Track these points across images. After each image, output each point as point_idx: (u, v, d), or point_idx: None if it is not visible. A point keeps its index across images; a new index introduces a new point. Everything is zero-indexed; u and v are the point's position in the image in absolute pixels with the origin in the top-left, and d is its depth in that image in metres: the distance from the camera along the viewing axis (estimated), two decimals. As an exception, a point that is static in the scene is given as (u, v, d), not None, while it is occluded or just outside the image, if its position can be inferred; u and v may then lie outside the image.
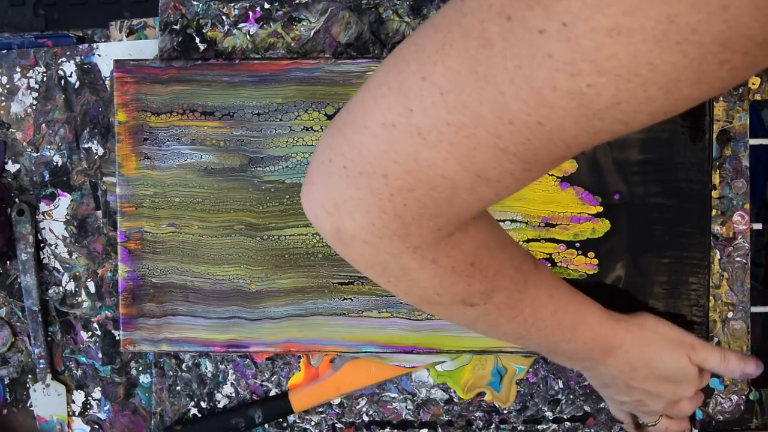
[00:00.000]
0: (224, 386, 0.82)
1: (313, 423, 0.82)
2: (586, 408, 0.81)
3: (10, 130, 0.83)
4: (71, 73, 0.82)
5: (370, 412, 0.82)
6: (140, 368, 0.84)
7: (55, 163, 0.83)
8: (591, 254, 0.77)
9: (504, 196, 0.49)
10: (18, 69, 0.82)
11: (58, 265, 0.83)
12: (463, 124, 0.44)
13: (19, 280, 0.83)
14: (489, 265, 0.55)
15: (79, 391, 0.84)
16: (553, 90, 0.41)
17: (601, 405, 0.81)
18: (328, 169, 0.49)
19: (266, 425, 0.82)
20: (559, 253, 0.77)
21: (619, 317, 0.69)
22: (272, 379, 0.82)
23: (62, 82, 0.82)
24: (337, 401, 0.82)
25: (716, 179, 0.80)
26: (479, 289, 0.55)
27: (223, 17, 0.80)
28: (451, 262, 0.52)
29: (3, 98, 0.82)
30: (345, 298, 0.78)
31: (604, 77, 0.39)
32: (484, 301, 0.56)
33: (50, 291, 0.83)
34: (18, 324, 0.84)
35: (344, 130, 0.49)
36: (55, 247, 0.83)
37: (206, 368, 0.82)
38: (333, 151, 0.49)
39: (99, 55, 0.82)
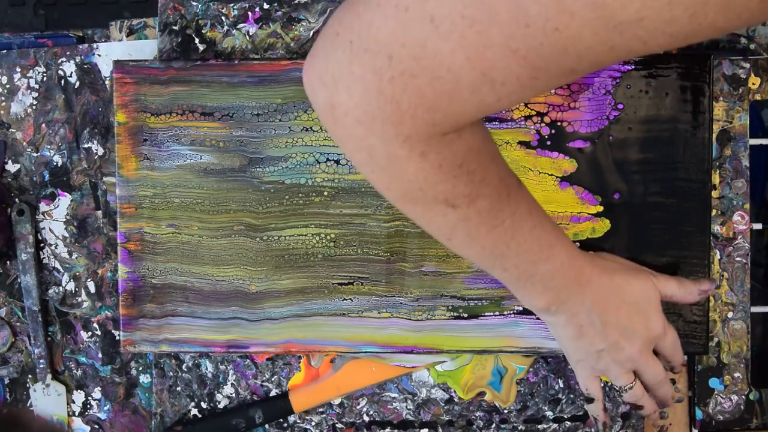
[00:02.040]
0: (224, 387, 0.82)
1: (313, 423, 0.82)
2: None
3: (10, 130, 0.83)
4: (71, 73, 0.82)
5: (371, 412, 0.82)
6: (140, 368, 0.84)
7: (55, 163, 0.83)
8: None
9: (504, 105, 0.49)
10: (18, 69, 0.82)
11: (58, 265, 0.83)
12: (477, 19, 0.43)
13: (19, 280, 0.83)
14: (476, 170, 0.55)
15: (79, 391, 0.84)
16: None
17: (601, 405, 0.81)
18: (333, 42, 0.49)
19: (267, 425, 0.82)
20: (559, 253, 0.77)
21: (583, 250, 0.70)
22: (272, 379, 0.82)
23: (62, 82, 0.82)
24: (337, 401, 0.82)
25: (716, 179, 0.80)
26: (463, 192, 0.55)
27: (223, 18, 0.80)
28: (440, 159, 0.52)
29: (3, 98, 0.82)
30: (345, 299, 0.78)
31: None
32: (467, 205, 0.56)
33: (50, 291, 0.83)
34: (18, 324, 0.84)
35: (357, 5, 0.48)
36: (55, 247, 0.83)
37: (206, 369, 0.82)
38: (341, 25, 0.49)
39: (99, 55, 0.82)
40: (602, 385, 0.74)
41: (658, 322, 0.70)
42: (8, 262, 0.83)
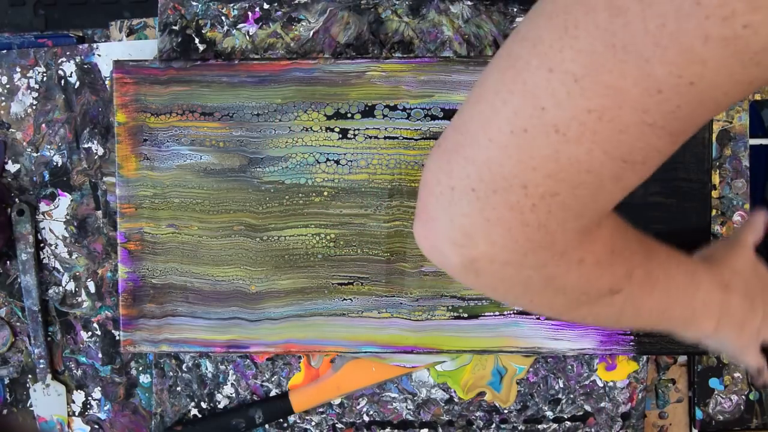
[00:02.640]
0: (224, 387, 0.82)
1: (313, 423, 0.82)
2: (587, 407, 0.81)
3: (10, 130, 0.83)
4: (71, 73, 0.82)
5: (371, 412, 0.82)
6: (140, 368, 0.84)
7: (55, 163, 0.83)
8: (591, 254, 0.77)
9: (645, 178, 0.46)
10: (18, 69, 0.82)
11: (58, 265, 0.83)
12: (606, 107, 0.41)
13: (19, 280, 0.83)
14: (624, 246, 0.52)
15: (79, 391, 0.84)
16: (705, 41, 0.37)
17: (602, 404, 0.81)
18: (451, 199, 0.45)
19: (267, 425, 0.82)
20: (559, 253, 0.77)
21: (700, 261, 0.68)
22: (272, 379, 0.82)
23: (62, 82, 0.82)
24: (337, 401, 0.82)
25: (716, 179, 0.80)
26: (622, 273, 0.52)
27: (223, 18, 0.80)
28: (596, 256, 0.49)
29: (3, 98, 0.82)
30: (345, 299, 0.78)
31: (760, 13, 0.36)
32: (628, 283, 0.53)
33: (50, 291, 0.83)
34: (18, 324, 0.84)
35: (461, 151, 0.45)
36: (55, 247, 0.83)
37: (206, 369, 0.82)
38: (453, 178, 0.45)
39: (99, 55, 0.82)
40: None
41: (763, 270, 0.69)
42: (8, 262, 0.83)
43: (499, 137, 0.43)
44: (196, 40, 0.80)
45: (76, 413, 0.85)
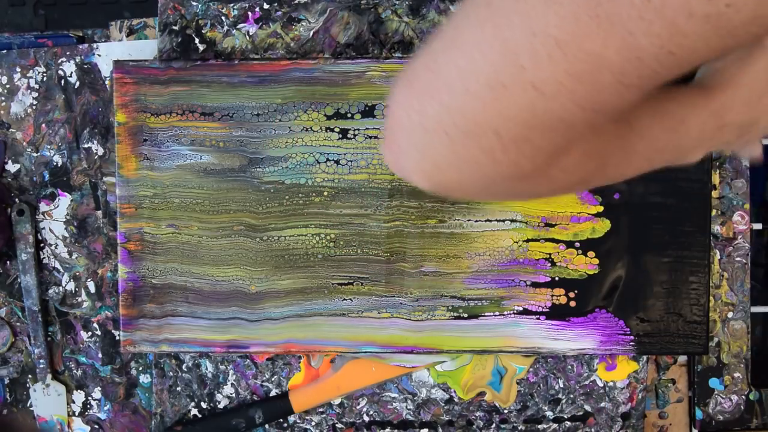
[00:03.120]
0: (224, 387, 0.82)
1: (313, 423, 0.82)
2: (587, 407, 0.81)
3: (10, 130, 0.83)
4: (71, 73, 0.82)
5: (371, 412, 0.82)
6: (140, 368, 0.84)
7: (55, 163, 0.83)
8: (591, 254, 0.77)
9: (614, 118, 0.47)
10: (18, 69, 0.82)
11: (58, 265, 0.83)
12: (585, 71, 0.41)
13: (19, 280, 0.83)
14: (598, 143, 0.53)
15: (79, 391, 0.84)
16: (689, 17, 0.39)
17: (602, 404, 0.81)
18: (423, 138, 0.46)
19: (267, 425, 0.82)
20: (558, 252, 0.77)
21: (696, 88, 0.65)
22: (272, 379, 0.82)
23: (62, 82, 0.82)
24: (337, 401, 0.82)
25: (716, 179, 0.80)
26: (595, 165, 0.53)
27: (223, 18, 0.80)
28: (565, 166, 0.50)
29: (3, 98, 0.82)
30: (345, 299, 0.78)
31: None
32: (601, 171, 0.54)
33: (50, 291, 0.83)
34: (18, 324, 0.84)
35: (436, 95, 0.45)
36: (55, 247, 0.83)
37: (206, 369, 0.82)
38: (426, 118, 0.46)
39: (99, 55, 0.82)
40: None
41: None
42: (8, 262, 0.83)
43: (476, 88, 0.44)
44: (196, 40, 0.80)
45: (76, 413, 0.85)
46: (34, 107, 0.82)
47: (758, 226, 0.82)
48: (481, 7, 0.44)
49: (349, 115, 0.77)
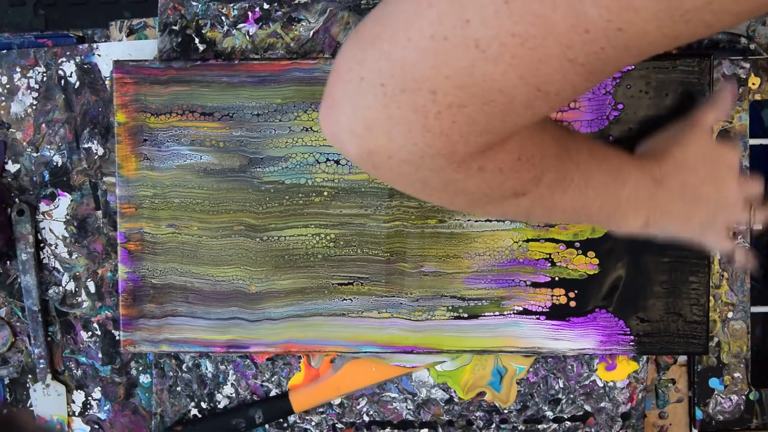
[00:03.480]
0: (224, 387, 0.82)
1: (313, 423, 0.82)
2: (587, 407, 0.81)
3: (10, 130, 0.83)
4: (71, 73, 0.82)
5: (371, 412, 0.82)
6: (140, 368, 0.84)
7: (55, 163, 0.83)
8: (591, 254, 0.77)
9: (555, 110, 0.46)
10: (18, 69, 0.82)
11: (58, 265, 0.83)
12: (531, 35, 0.40)
13: (19, 280, 0.83)
14: (534, 152, 0.52)
15: (79, 391, 0.84)
16: None
17: (602, 404, 0.81)
18: (358, 89, 0.45)
19: (267, 425, 0.82)
20: (558, 252, 0.77)
21: (630, 156, 0.67)
22: (272, 379, 0.82)
23: (62, 82, 0.82)
24: (337, 401, 0.82)
25: (716, 179, 0.80)
26: (529, 178, 0.52)
27: (223, 18, 0.80)
28: (498, 164, 0.49)
29: (3, 98, 0.82)
30: (345, 299, 0.78)
31: None
32: (536, 186, 0.53)
33: (50, 291, 0.83)
34: (18, 324, 0.84)
35: (379, 43, 0.44)
36: (55, 247, 0.83)
37: (206, 369, 0.82)
38: (365, 68, 0.44)
39: (99, 55, 0.82)
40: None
41: (731, 157, 0.69)
42: (8, 262, 0.83)
43: (418, 39, 0.43)
44: (196, 40, 0.80)
45: (76, 413, 0.85)
46: (34, 107, 0.82)
47: (758, 226, 0.82)
48: None
49: (349, 115, 0.77)
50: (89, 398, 0.84)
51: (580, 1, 0.39)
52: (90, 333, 0.84)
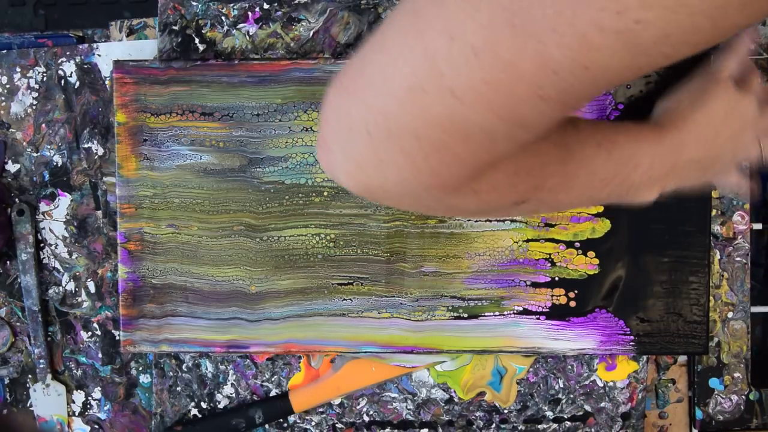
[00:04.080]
0: (224, 387, 0.82)
1: (313, 423, 0.82)
2: (587, 407, 0.81)
3: (10, 130, 0.83)
4: (71, 73, 0.82)
5: (371, 412, 0.82)
6: (140, 368, 0.84)
7: (55, 163, 0.83)
8: (591, 254, 0.77)
9: (539, 136, 0.48)
10: (18, 69, 0.82)
11: (58, 265, 0.83)
12: (502, 81, 0.42)
13: (19, 280, 0.83)
14: (532, 163, 0.53)
15: (79, 391, 0.84)
16: (600, 31, 0.39)
17: (602, 404, 0.81)
18: (347, 137, 0.47)
19: (267, 425, 0.82)
20: (558, 252, 0.77)
21: (651, 127, 0.66)
22: (272, 379, 0.82)
23: (62, 82, 0.82)
24: (337, 401, 0.82)
25: (716, 179, 0.80)
26: (527, 188, 0.54)
27: (223, 18, 0.80)
28: (494, 183, 0.51)
29: (3, 98, 0.82)
30: (345, 299, 0.78)
31: (651, 11, 0.38)
32: (537, 192, 0.54)
33: (50, 291, 0.83)
34: (18, 324, 0.84)
35: (361, 95, 0.46)
36: (55, 247, 0.83)
37: (206, 369, 0.82)
38: (350, 118, 0.47)
39: (99, 55, 0.82)
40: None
41: (743, 104, 0.68)
42: (8, 262, 0.83)
43: (397, 90, 0.44)
44: (196, 40, 0.80)
45: (76, 413, 0.85)
46: (34, 107, 0.82)
47: (758, 226, 0.82)
48: (407, 13, 0.44)
49: (349, 115, 0.77)
50: (89, 398, 0.84)
51: (545, 46, 0.40)
52: (90, 333, 0.84)
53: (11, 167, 0.83)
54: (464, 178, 0.48)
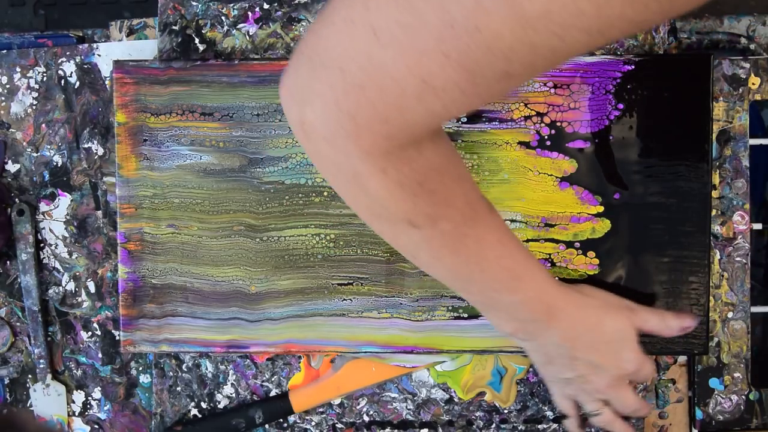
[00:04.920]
0: (224, 387, 0.82)
1: (313, 423, 0.82)
2: (586, 407, 0.81)
3: (10, 130, 0.83)
4: (71, 73, 0.82)
5: (371, 412, 0.82)
6: (140, 368, 0.84)
7: (55, 163, 0.83)
8: (591, 254, 0.77)
9: (453, 112, 0.50)
10: (18, 69, 0.82)
11: (58, 265, 0.83)
12: (410, 24, 0.45)
13: (19, 280, 0.83)
14: (438, 190, 0.56)
15: (79, 391, 0.84)
16: None
17: (601, 405, 0.81)
18: (299, 60, 0.51)
19: (267, 425, 0.82)
20: (558, 253, 0.77)
21: (560, 282, 0.69)
22: (272, 379, 0.82)
23: (62, 82, 0.82)
24: (337, 401, 0.82)
25: (716, 179, 0.80)
26: (425, 212, 0.56)
27: (223, 18, 0.80)
28: (400, 176, 0.53)
29: (3, 98, 0.82)
30: (345, 299, 0.78)
31: None
32: (429, 226, 0.57)
33: (50, 291, 0.83)
34: (18, 324, 0.84)
35: (316, 26, 0.50)
36: (55, 247, 0.83)
37: (206, 369, 0.82)
38: (305, 45, 0.51)
39: (99, 55, 0.82)
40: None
41: (631, 360, 0.70)
42: (8, 262, 0.84)
43: (338, 22, 0.48)
44: (196, 40, 0.80)
45: (76, 413, 0.85)
46: (34, 107, 0.82)
47: (758, 226, 0.82)
48: None
49: (349, 115, 0.77)
50: (89, 398, 0.84)
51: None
52: (90, 333, 0.84)
53: (11, 167, 0.83)
54: (378, 138, 0.50)
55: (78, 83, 0.82)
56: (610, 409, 0.72)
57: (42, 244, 0.83)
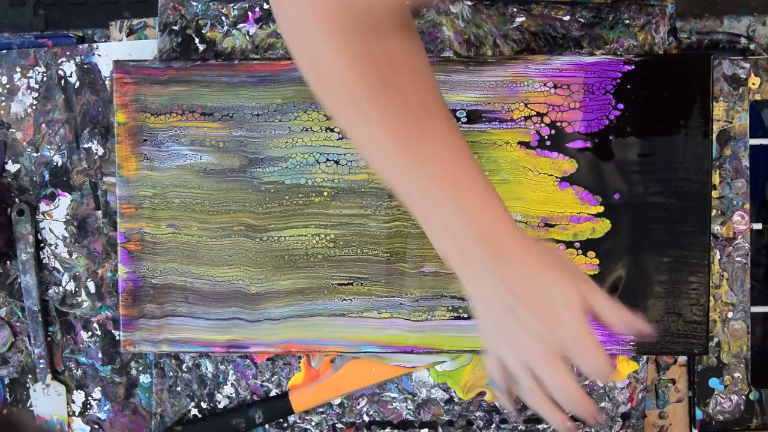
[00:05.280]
0: (224, 387, 0.82)
1: (313, 423, 0.82)
2: (586, 407, 0.81)
3: (10, 130, 0.83)
4: (71, 73, 0.82)
5: (371, 412, 0.82)
6: (140, 368, 0.84)
7: (55, 163, 0.83)
8: (591, 254, 0.77)
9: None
10: (18, 69, 0.82)
11: (58, 265, 0.83)
12: None
13: (19, 280, 0.83)
14: (393, 84, 0.56)
15: (79, 391, 0.84)
16: None
17: (602, 405, 0.81)
18: None
19: (267, 425, 0.82)
20: (559, 253, 0.77)
21: (513, 220, 0.60)
22: (272, 379, 0.82)
23: (62, 82, 0.82)
24: (337, 401, 0.82)
25: (716, 179, 0.80)
26: (374, 96, 0.55)
27: (223, 18, 0.80)
28: (355, 60, 0.54)
29: (3, 98, 0.82)
30: (344, 299, 0.78)
31: None
32: (376, 111, 0.56)
33: (50, 291, 0.83)
34: (18, 324, 0.84)
35: None
36: (55, 247, 0.83)
37: (206, 369, 0.82)
38: None
39: (99, 55, 0.82)
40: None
41: (570, 331, 0.58)
42: (8, 262, 0.83)
43: None
44: (196, 40, 0.80)
45: (76, 413, 0.85)
46: (34, 107, 0.82)
47: (758, 226, 0.82)
48: None
49: (349, 115, 0.77)
50: (89, 398, 0.84)
51: None
52: (90, 333, 0.84)
53: (11, 167, 0.83)
54: (335, 11, 0.52)
55: (78, 83, 0.82)
56: (537, 388, 0.60)
57: (42, 244, 0.83)
